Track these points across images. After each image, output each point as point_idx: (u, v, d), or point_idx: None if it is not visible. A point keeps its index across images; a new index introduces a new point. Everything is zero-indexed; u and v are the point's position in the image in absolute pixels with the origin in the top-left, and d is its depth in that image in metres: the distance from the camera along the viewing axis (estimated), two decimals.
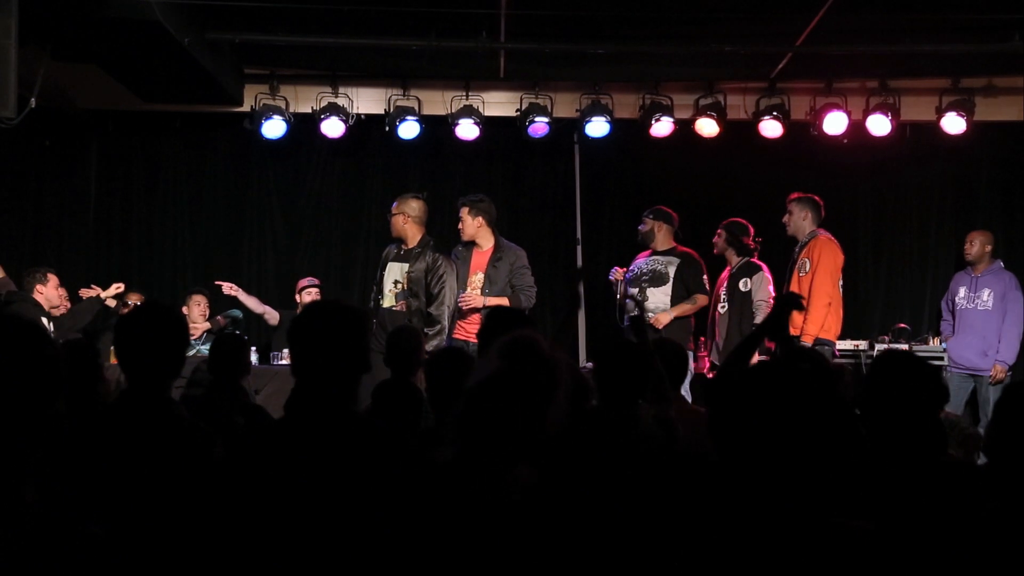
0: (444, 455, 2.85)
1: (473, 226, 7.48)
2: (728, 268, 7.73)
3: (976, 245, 8.29)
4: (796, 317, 7.08)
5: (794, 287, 7.32)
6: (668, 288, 7.65)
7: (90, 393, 4.43)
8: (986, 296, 8.13)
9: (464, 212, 7.50)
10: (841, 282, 7.48)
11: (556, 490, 3.01)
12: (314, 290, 8.48)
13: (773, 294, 7.51)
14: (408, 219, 7.32)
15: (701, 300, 7.67)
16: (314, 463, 2.65)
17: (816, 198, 7.58)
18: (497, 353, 2.92)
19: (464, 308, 7.24)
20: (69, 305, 7.91)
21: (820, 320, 7.25)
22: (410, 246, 7.30)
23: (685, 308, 7.63)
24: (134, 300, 8.23)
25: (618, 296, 7.83)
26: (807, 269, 7.37)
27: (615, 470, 3.43)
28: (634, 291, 7.54)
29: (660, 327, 7.48)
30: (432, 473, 2.76)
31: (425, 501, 2.70)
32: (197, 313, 8.41)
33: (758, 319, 7.27)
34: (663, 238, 7.84)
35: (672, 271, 7.69)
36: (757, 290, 7.50)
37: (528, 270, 7.49)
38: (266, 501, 2.66)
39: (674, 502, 3.27)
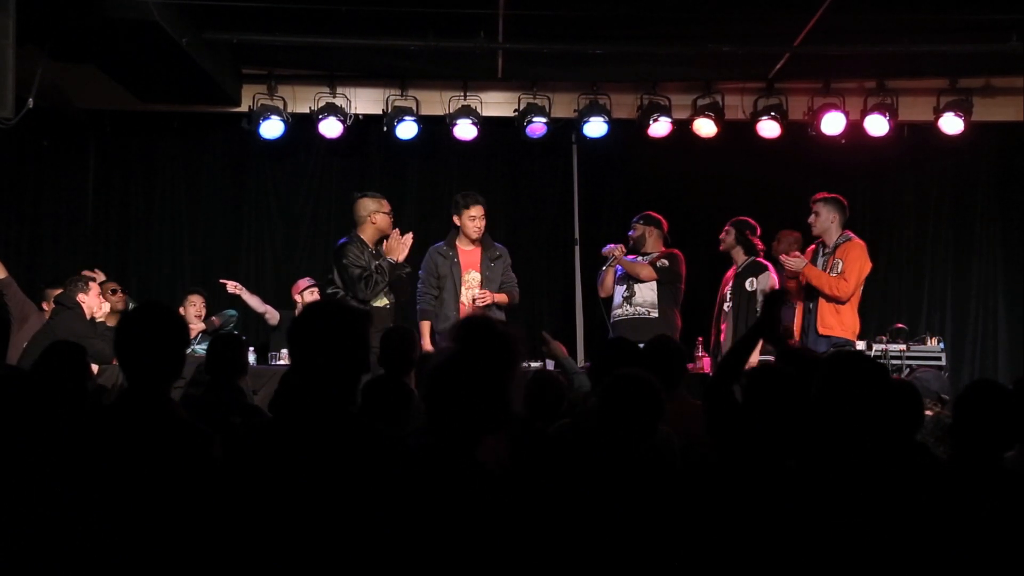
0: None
1: (484, 225, 7.46)
2: (734, 267, 7.69)
3: (783, 243, 8.20)
4: (831, 318, 7.10)
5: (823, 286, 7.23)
6: (655, 284, 7.72)
7: (80, 393, 4.43)
8: None
9: (483, 211, 7.41)
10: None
11: (528, 463, 3.02)
12: (315, 289, 8.46)
13: None
14: None
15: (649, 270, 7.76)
16: (313, 464, 2.65)
17: (841, 198, 7.41)
18: (450, 336, 2.99)
19: (481, 305, 7.23)
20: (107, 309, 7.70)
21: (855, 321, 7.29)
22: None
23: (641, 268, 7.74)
24: (110, 287, 8.04)
25: (603, 268, 7.96)
26: (839, 270, 7.25)
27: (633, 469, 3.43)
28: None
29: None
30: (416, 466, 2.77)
31: (418, 498, 2.71)
32: (193, 313, 8.39)
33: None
34: (653, 242, 7.91)
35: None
36: (763, 290, 7.47)
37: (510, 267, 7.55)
38: (265, 501, 2.66)
39: (679, 498, 3.27)
